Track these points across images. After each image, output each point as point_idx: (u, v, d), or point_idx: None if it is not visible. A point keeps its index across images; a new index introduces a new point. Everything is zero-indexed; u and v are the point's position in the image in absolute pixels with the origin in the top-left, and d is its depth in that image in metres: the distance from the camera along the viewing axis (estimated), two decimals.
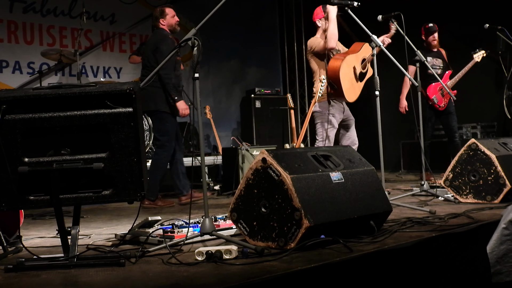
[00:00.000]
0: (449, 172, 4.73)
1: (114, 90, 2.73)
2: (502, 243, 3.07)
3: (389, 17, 5.04)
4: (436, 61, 7.12)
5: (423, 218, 3.70)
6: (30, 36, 8.19)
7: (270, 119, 9.73)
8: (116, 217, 4.97)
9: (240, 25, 10.56)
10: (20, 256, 2.96)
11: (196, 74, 3.19)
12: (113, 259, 2.78)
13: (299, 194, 2.89)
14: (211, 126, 8.54)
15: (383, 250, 2.86)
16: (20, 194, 2.73)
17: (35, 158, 2.72)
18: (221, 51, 10.24)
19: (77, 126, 2.72)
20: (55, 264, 2.74)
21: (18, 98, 2.70)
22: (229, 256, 2.74)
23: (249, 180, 3.09)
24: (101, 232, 4.06)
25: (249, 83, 10.48)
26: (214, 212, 4.64)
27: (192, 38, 3.17)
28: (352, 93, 5.44)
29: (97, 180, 2.75)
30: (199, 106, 3.24)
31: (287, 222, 2.91)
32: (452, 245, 3.23)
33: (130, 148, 2.73)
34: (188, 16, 9.65)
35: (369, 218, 3.20)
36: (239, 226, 3.14)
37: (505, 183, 4.43)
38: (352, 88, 5.44)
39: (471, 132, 8.53)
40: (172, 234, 3.24)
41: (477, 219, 3.65)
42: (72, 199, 2.77)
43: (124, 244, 3.38)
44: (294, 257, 2.72)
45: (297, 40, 11.06)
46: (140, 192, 2.77)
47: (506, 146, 4.83)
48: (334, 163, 3.28)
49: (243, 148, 6.64)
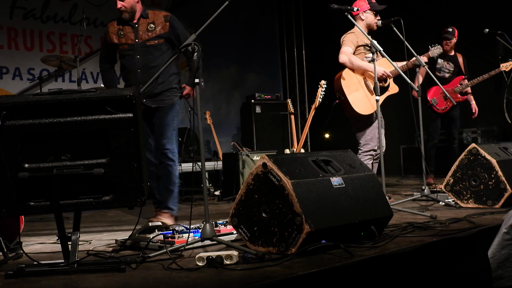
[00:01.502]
0: (450, 177, 4.73)
1: (114, 96, 2.73)
2: (504, 248, 3.07)
3: (389, 22, 5.04)
4: (448, 64, 7.15)
5: (424, 223, 3.69)
6: (30, 43, 8.20)
7: (270, 125, 9.73)
8: (117, 223, 4.97)
9: (240, 30, 10.58)
10: (21, 262, 2.95)
11: (196, 79, 3.20)
12: (113, 264, 2.77)
13: (299, 199, 2.88)
14: (211, 132, 8.53)
15: (384, 255, 2.85)
16: (20, 200, 2.72)
17: (35, 164, 2.71)
18: (221, 56, 10.25)
19: (77, 131, 2.72)
20: (56, 270, 2.74)
21: (18, 104, 2.70)
22: (230, 261, 2.73)
23: (250, 185, 3.09)
24: (101, 237, 4.05)
25: (249, 89, 10.48)
26: (214, 217, 4.64)
27: (192, 44, 3.18)
28: (363, 105, 5.28)
29: (97, 185, 2.74)
30: (199, 111, 3.24)
31: (288, 227, 2.90)
32: (453, 250, 3.22)
33: (131, 154, 2.73)
34: (188, 22, 9.65)
35: (370, 223, 3.19)
36: (239, 231, 3.13)
37: (506, 187, 4.42)
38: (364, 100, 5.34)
39: (471, 136, 8.53)
40: (173, 240, 3.24)
41: (478, 224, 3.64)
42: (72, 205, 2.76)
43: (124, 249, 3.38)
44: (295, 262, 2.72)
45: (297, 45, 11.07)
46: (140, 198, 2.76)
47: (506, 150, 4.83)
48: (334, 168, 3.28)
49: (243, 153, 6.64)
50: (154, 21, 4.54)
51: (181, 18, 4.80)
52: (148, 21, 4.53)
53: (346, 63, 5.24)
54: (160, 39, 4.53)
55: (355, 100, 5.22)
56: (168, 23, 4.56)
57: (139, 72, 4.48)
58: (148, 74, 4.42)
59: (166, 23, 4.55)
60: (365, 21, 5.36)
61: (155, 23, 4.54)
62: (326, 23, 9.20)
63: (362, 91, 5.23)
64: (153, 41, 4.50)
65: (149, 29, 4.51)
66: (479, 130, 8.52)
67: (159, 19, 4.56)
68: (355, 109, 5.23)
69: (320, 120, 7.57)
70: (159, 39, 4.53)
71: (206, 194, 3.24)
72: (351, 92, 5.23)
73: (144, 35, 4.50)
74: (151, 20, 4.54)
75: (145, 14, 4.55)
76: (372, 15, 5.38)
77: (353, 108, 5.22)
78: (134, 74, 4.50)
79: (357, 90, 5.24)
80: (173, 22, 4.59)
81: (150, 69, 4.47)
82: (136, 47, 4.51)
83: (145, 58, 4.51)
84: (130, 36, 4.52)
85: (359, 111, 5.22)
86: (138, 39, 4.51)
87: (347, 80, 5.25)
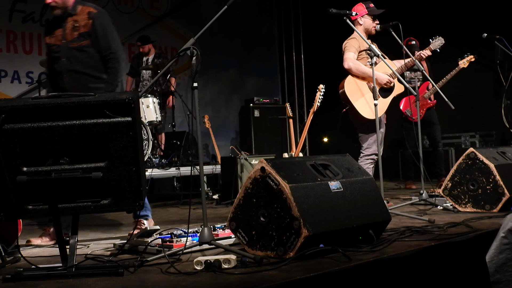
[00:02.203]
0: (448, 181, 4.73)
1: (113, 100, 2.73)
2: (501, 252, 3.07)
3: (387, 26, 5.05)
4: (414, 74, 7.16)
5: (422, 227, 3.70)
6: (29, 46, 8.21)
7: (269, 128, 9.75)
8: (115, 227, 4.96)
9: (239, 34, 10.61)
10: (19, 266, 2.96)
11: (195, 83, 3.20)
12: (111, 268, 2.77)
13: (298, 203, 2.88)
14: (210, 136, 8.54)
15: (382, 259, 2.86)
16: (18, 203, 2.72)
17: (34, 168, 2.71)
18: (220, 60, 10.28)
19: (75, 135, 2.72)
20: (54, 274, 2.73)
21: (17, 107, 2.70)
22: (228, 265, 2.74)
23: (248, 189, 3.09)
24: (99, 241, 4.05)
25: (247, 93, 10.50)
26: (213, 221, 4.64)
27: (191, 48, 3.18)
28: (370, 110, 5.18)
29: (96, 189, 2.75)
30: (197, 115, 3.25)
31: (286, 231, 2.90)
32: (451, 254, 3.23)
33: (129, 158, 2.73)
34: (187, 26, 9.70)
35: (368, 227, 3.20)
36: (238, 235, 3.14)
37: (504, 192, 4.43)
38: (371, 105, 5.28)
39: (469, 141, 8.54)
40: (171, 244, 3.23)
41: (476, 228, 3.64)
42: (70, 209, 2.76)
43: (122, 253, 3.37)
44: (293, 266, 2.72)
45: (295, 49, 11.10)
46: (139, 201, 2.76)
47: (504, 155, 4.83)
48: (332, 172, 3.28)
49: (242, 157, 6.64)
50: (78, 19, 3.99)
51: (181, 22, 4.78)
52: (74, 18, 3.99)
53: (352, 69, 5.21)
54: (84, 40, 3.97)
55: (361, 106, 5.20)
56: (91, 20, 3.98)
57: (65, 77, 3.99)
58: (74, 79, 3.97)
59: (89, 21, 3.98)
60: (363, 25, 5.37)
61: (79, 21, 3.98)
62: (325, 28, 9.23)
63: (367, 96, 5.21)
64: (76, 42, 3.98)
65: (74, 28, 3.97)
66: (478, 135, 8.54)
67: (83, 15, 4.00)
68: (363, 115, 5.19)
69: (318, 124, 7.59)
70: (82, 39, 3.97)
71: (204, 198, 3.24)
72: (357, 98, 5.21)
73: (70, 35, 3.98)
74: (77, 18, 3.99)
75: (73, 11, 4.00)
76: (370, 19, 5.39)
77: (361, 114, 5.19)
78: (61, 79, 4.01)
79: (362, 95, 5.23)
80: (96, 20, 3.98)
81: (76, 73, 3.98)
82: (62, 48, 4.00)
83: (69, 61, 3.98)
84: (58, 36, 4.01)
85: (367, 116, 5.18)
86: (64, 40, 3.99)
87: (350, 87, 5.23)
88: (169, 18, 9.67)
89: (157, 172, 7.01)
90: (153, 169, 6.90)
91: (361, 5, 5.39)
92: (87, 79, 4.00)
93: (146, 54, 8.35)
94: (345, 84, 5.24)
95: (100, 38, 3.98)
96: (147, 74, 8.27)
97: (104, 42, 3.99)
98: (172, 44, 9.67)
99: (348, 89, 5.21)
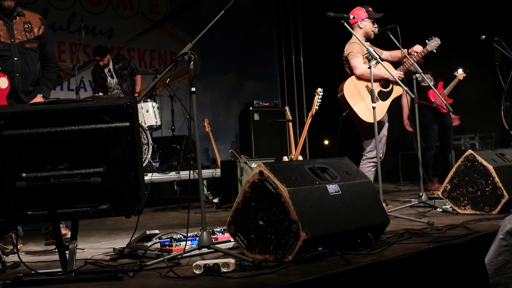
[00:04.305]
0: (447, 183, 4.74)
1: (111, 105, 2.75)
2: (500, 254, 3.07)
3: (386, 29, 5.06)
4: (427, 74, 7.19)
5: (421, 230, 3.70)
6: None
7: (269, 132, 9.75)
8: (114, 231, 4.97)
9: (238, 38, 10.62)
10: (18, 271, 2.96)
11: (192, 88, 3.21)
12: (111, 273, 2.78)
13: (296, 206, 2.89)
14: (209, 139, 8.55)
15: (381, 262, 2.86)
16: (17, 209, 2.73)
17: (33, 173, 2.73)
18: (219, 64, 10.29)
19: (74, 141, 2.74)
20: (53, 279, 2.74)
21: (16, 113, 2.71)
22: (226, 269, 2.74)
23: (247, 193, 3.10)
24: (99, 246, 4.06)
25: (247, 96, 10.51)
26: (212, 225, 4.64)
27: (189, 53, 3.19)
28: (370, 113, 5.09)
29: (95, 194, 2.76)
30: (196, 119, 3.25)
31: (284, 234, 2.91)
32: (450, 257, 3.23)
33: (127, 162, 2.74)
34: (187, 30, 9.71)
35: (367, 230, 3.20)
36: (236, 239, 3.14)
37: (503, 194, 4.43)
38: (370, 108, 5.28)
39: (469, 143, 8.55)
40: (170, 248, 3.24)
41: (475, 230, 3.65)
42: (69, 214, 2.77)
43: (122, 258, 3.38)
44: (292, 269, 2.73)
45: (295, 52, 11.12)
46: (138, 206, 2.77)
47: (503, 157, 4.84)
48: (331, 176, 3.29)
49: (241, 161, 6.65)
50: (30, 21, 4.12)
51: (179, 26, 4.80)
52: (24, 20, 4.10)
53: (364, 74, 5.20)
54: (37, 42, 4.14)
55: (361, 110, 5.19)
56: (44, 26, 4.19)
57: (18, 77, 4.04)
58: (27, 80, 4.08)
59: (42, 26, 4.18)
60: (363, 29, 5.38)
61: (31, 23, 4.12)
62: (325, 31, 9.25)
63: (367, 99, 5.20)
64: (31, 43, 4.10)
65: (26, 29, 4.08)
66: (477, 136, 8.55)
67: (35, 19, 4.17)
68: (362, 119, 5.19)
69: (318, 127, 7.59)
70: (36, 42, 4.13)
71: (203, 201, 3.24)
72: (356, 102, 5.21)
73: (22, 36, 4.07)
74: (27, 19, 4.12)
75: (21, 12, 4.11)
76: (370, 23, 5.40)
77: (360, 117, 5.20)
78: (12, 78, 4.01)
79: (362, 99, 5.23)
80: (46, 28, 4.23)
81: (29, 74, 4.10)
82: (12, 47, 4.04)
83: (24, 61, 4.07)
84: (4, 34, 4.02)
85: (366, 119, 5.17)
86: (14, 39, 4.04)
87: (350, 91, 5.23)
88: (168, 23, 9.68)
89: (157, 176, 7.02)
90: (153, 173, 6.91)
91: (361, 9, 5.40)
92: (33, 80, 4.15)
93: (106, 65, 7.90)
94: (344, 88, 5.24)
95: (48, 45, 4.27)
96: (114, 83, 7.96)
97: (50, 48, 4.31)
98: (171, 49, 9.68)
99: (347, 93, 5.21)
